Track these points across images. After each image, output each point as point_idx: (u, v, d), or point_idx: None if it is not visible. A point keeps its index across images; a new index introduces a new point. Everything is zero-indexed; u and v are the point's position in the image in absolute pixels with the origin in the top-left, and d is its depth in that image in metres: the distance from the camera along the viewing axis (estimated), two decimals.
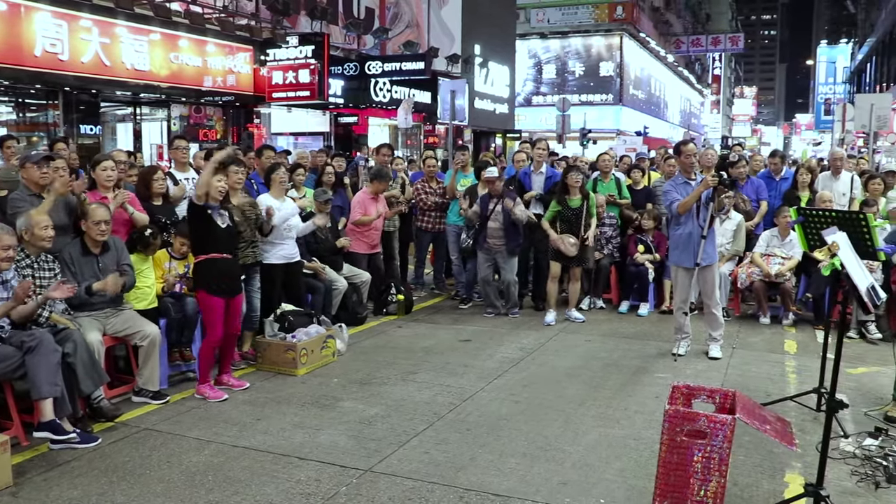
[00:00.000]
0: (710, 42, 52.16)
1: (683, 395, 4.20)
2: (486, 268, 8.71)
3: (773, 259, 8.57)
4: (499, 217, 8.41)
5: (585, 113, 30.62)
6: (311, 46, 15.87)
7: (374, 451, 4.83)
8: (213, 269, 5.83)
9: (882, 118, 18.51)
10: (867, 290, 3.88)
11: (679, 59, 53.86)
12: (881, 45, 47.74)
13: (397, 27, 22.27)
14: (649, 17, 43.62)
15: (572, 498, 4.22)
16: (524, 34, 37.03)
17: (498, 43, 27.56)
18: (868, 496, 4.27)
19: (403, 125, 16.30)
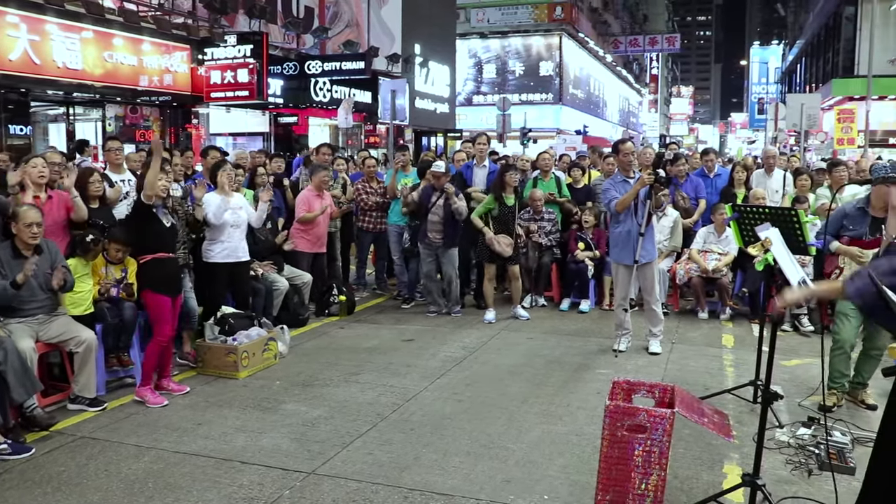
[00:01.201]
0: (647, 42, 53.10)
1: (624, 390, 4.27)
2: (429, 263, 8.69)
3: (709, 255, 8.77)
4: (439, 211, 8.41)
5: (526, 112, 30.83)
6: (250, 46, 15.68)
7: (317, 454, 4.81)
8: (160, 268, 5.81)
9: (812, 117, 19.04)
10: (799, 285, 3.99)
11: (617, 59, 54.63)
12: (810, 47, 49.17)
13: (337, 26, 22.13)
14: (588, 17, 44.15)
15: (516, 495, 4.26)
16: (464, 34, 37.14)
17: (438, 42, 27.58)
18: (801, 483, 4.41)
19: (344, 125, 16.21)
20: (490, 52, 39.98)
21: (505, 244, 8.39)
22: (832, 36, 39.88)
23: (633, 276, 7.12)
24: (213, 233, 6.91)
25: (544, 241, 9.24)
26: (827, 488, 4.34)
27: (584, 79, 44.91)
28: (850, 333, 5.71)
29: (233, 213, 6.96)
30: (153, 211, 5.78)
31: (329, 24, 21.48)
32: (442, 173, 8.45)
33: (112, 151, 7.53)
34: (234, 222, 6.95)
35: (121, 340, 6.21)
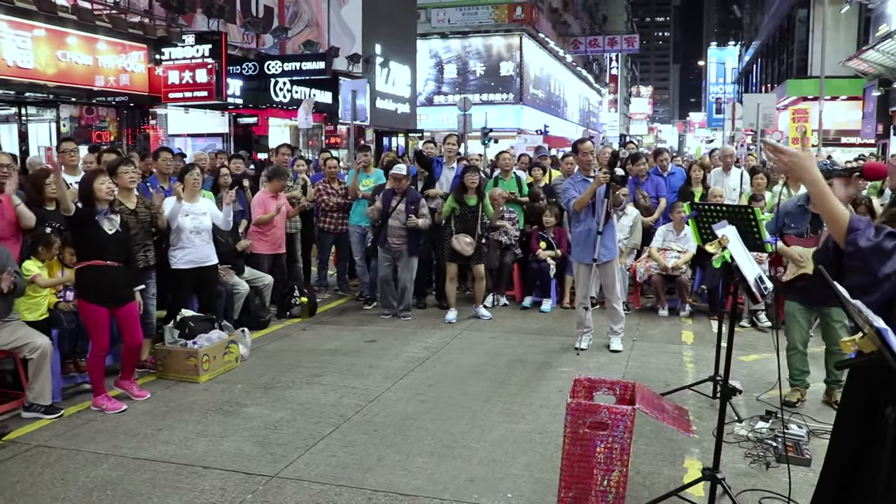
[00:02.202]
0: (606, 43, 53.51)
1: (585, 388, 4.30)
2: (386, 267, 8.66)
3: (669, 253, 8.89)
4: (400, 216, 8.39)
5: (486, 112, 30.87)
6: (209, 45, 15.48)
7: (280, 457, 4.77)
8: (96, 277, 5.57)
9: (768, 117, 19.33)
10: (755, 281, 4.06)
11: (577, 59, 55.00)
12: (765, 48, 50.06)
13: (297, 26, 21.97)
14: (548, 17, 44.37)
15: (480, 494, 4.27)
16: (425, 34, 37.10)
17: (399, 43, 27.52)
18: (760, 476, 4.48)
19: (304, 125, 16.08)
20: (451, 52, 39.99)
21: (465, 243, 8.41)
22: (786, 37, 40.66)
23: (593, 275, 7.18)
24: (174, 238, 6.83)
25: (505, 239, 9.28)
26: (784, 480, 4.41)
27: (545, 79, 45.13)
28: (800, 333, 5.84)
29: (194, 219, 6.88)
30: (94, 217, 5.55)
31: (289, 23, 21.31)
32: (403, 176, 8.43)
33: (67, 153, 7.39)
34: (194, 228, 6.87)
35: (78, 345, 6.11)
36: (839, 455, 2.81)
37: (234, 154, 11.98)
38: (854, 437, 2.73)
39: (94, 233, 5.57)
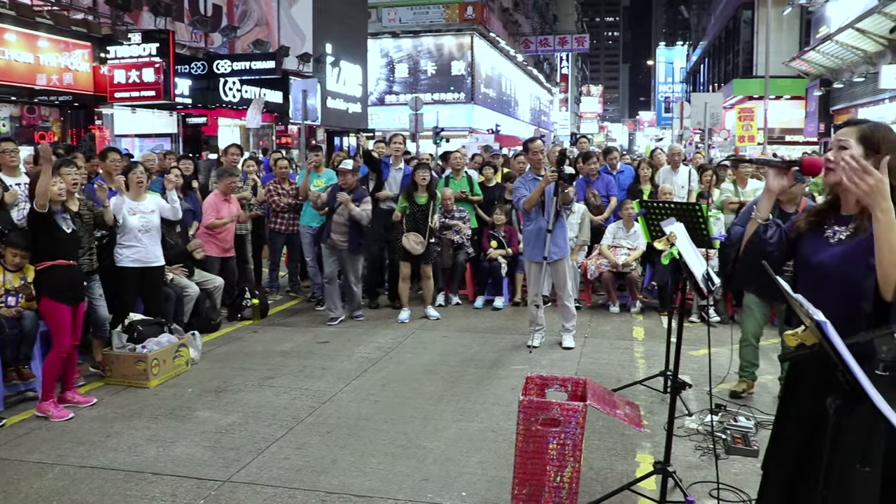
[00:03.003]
0: (557, 42, 53.99)
1: (537, 385, 4.33)
2: (331, 264, 8.50)
3: (619, 250, 8.99)
4: (344, 212, 8.29)
5: (438, 111, 30.89)
6: (156, 44, 15.24)
7: (232, 461, 4.72)
8: (59, 275, 5.57)
9: (715, 115, 19.69)
10: (703, 277, 4.13)
11: (528, 59, 55.35)
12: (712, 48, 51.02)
13: (246, 25, 21.76)
14: (499, 17, 44.58)
15: (435, 493, 4.28)
16: (376, 33, 37.01)
17: (349, 42, 27.40)
18: (710, 468, 4.55)
19: (253, 125, 15.93)
20: (402, 51, 39.94)
21: (415, 242, 8.40)
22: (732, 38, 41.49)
23: (545, 273, 7.23)
24: (121, 236, 6.71)
25: (457, 239, 9.31)
26: (734, 471, 4.53)
27: (496, 78, 45.32)
28: (754, 326, 5.99)
29: (142, 217, 6.77)
30: (52, 217, 5.55)
31: (238, 22, 21.11)
32: (349, 170, 8.36)
33: (7, 153, 7.19)
34: (142, 226, 6.76)
35: (20, 352, 5.95)
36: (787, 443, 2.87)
37: (182, 155, 11.82)
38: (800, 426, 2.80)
39: (53, 232, 5.56)
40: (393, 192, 9.18)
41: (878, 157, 2.61)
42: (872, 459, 2.27)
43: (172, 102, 16.47)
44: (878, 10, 20.89)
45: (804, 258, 2.82)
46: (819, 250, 2.75)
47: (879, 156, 2.62)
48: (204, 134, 19.23)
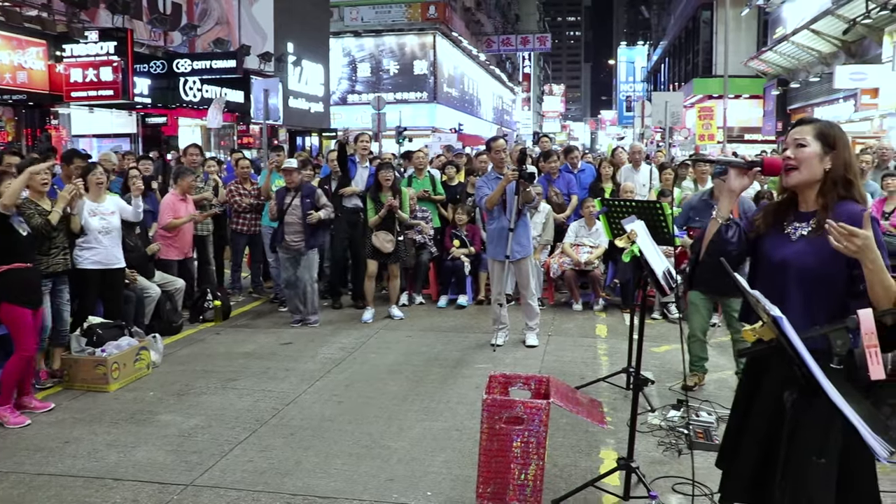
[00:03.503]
0: (519, 42, 54.17)
1: (500, 383, 4.35)
2: (287, 267, 8.39)
3: (581, 248, 9.06)
4: (296, 211, 8.18)
5: (401, 111, 30.88)
6: (114, 42, 15.03)
7: (195, 464, 4.67)
8: (19, 279, 5.49)
9: (675, 114, 19.88)
10: (664, 274, 4.18)
11: (490, 58, 55.47)
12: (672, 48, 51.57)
13: (206, 24, 21.53)
14: (461, 16, 44.64)
15: (400, 493, 4.27)
16: (338, 32, 36.83)
17: (311, 41, 27.24)
18: (672, 463, 4.62)
19: (214, 125, 15.75)
20: (364, 50, 39.80)
21: (385, 241, 8.38)
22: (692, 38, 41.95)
23: (508, 272, 7.27)
24: (80, 238, 6.60)
25: (420, 238, 9.31)
26: (696, 465, 4.57)
27: (459, 77, 45.37)
28: (700, 321, 6.13)
29: (102, 219, 6.67)
30: (9, 220, 5.45)
31: (198, 21, 20.87)
32: (293, 169, 8.28)
33: None
34: (102, 228, 6.66)
35: None
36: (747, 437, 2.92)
37: (142, 155, 11.66)
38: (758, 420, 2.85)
39: (11, 235, 5.48)
40: (358, 189, 9.15)
41: (835, 154, 2.70)
42: (829, 452, 2.32)
43: (131, 102, 16.25)
44: (832, 11, 21.30)
45: (765, 255, 2.87)
46: (781, 247, 2.80)
47: (836, 152, 2.70)
48: (164, 134, 19.01)
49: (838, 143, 2.74)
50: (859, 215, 2.57)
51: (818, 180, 2.75)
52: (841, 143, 2.74)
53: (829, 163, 2.73)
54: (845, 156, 2.73)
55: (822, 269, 2.63)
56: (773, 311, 2.19)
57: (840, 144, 2.74)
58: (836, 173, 2.72)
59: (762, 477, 2.84)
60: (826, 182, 2.74)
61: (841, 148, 2.73)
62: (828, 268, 2.62)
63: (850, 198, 2.71)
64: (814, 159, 2.74)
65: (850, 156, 2.75)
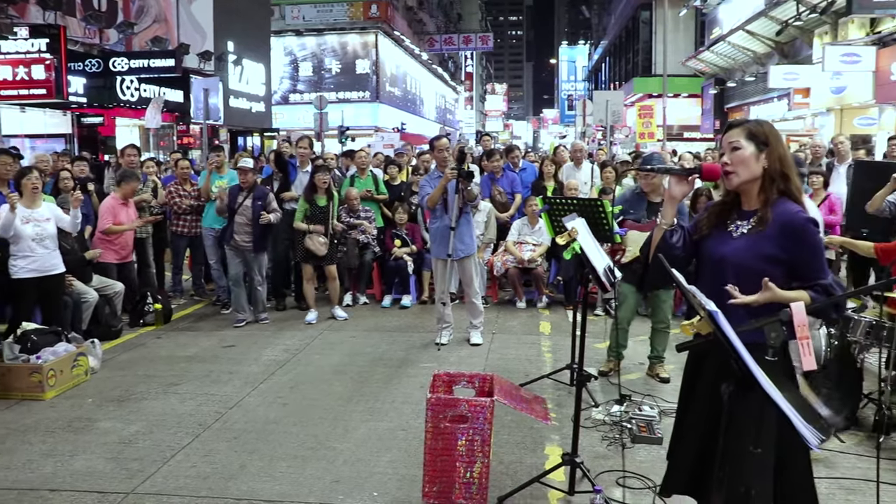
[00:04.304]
0: (461, 41, 54.27)
1: (444, 382, 4.36)
2: (236, 265, 8.36)
3: (525, 246, 9.13)
4: (246, 212, 8.17)
5: (343, 110, 30.72)
6: (45, 39, 14.61)
7: (136, 472, 4.57)
8: None
9: (616, 113, 20.18)
10: (604, 271, 4.23)
11: (433, 57, 55.50)
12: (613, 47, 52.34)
13: (143, 22, 21.10)
14: (403, 15, 44.55)
15: (346, 494, 4.25)
16: (279, 31, 36.43)
17: (252, 40, 26.89)
18: (616, 457, 4.69)
19: (153, 125, 15.46)
20: (306, 49, 39.45)
21: (319, 243, 8.34)
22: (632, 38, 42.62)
23: (452, 270, 7.29)
24: (13, 247, 6.42)
25: (363, 238, 9.28)
26: (639, 459, 4.67)
27: (401, 77, 45.31)
28: (628, 312, 6.38)
29: (36, 226, 6.50)
30: None
31: (135, 18, 20.44)
32: (249, 169, 8.24)
33: None
34: (36, 235, 6.48)
35: None
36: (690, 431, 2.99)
37: (77, 156, 11.38)
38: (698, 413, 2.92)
39: None
40: (298, 193, 9.08)
41: (769, 150, 2.78)
42: (764, 442, 2.38)
43: (66, 101, 15.84)
44: (765, 13, 21.85)
45: (707, 253, 2.94)
46: (722, 244, 2.88)
47: (770, 148, 2.79)
48: (101, 134, 18.59)
49: (770, 140, 2.82)
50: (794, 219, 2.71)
51: (758, 178, 2.83)
52: (773, 139, 2.83)
53: (764, 160, 2.82)
54: (779, 151, 2.82)
55: (758, 266, 2.71)
56: (709, 306, 2.24)
57: (772, 140, 2.82)
58: (773, 169, 2.82)
59: (702, 469, 2.90)
60: (765, 179, 2.83)
61: (773, 144, 2.82)
62: (764, 264, 2.70)
63: (787, 193, 2.80)
64: (750, 160, 2.83)
65: (783, 150, 2.84)
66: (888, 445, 4.98)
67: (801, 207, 2.77)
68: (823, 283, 2.70)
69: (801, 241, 2.73)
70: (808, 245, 2.74)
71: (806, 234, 2.74)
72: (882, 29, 17.42)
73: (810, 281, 2.72)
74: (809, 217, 2.74)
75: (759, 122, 2.90)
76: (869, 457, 4.70)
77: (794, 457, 2.74)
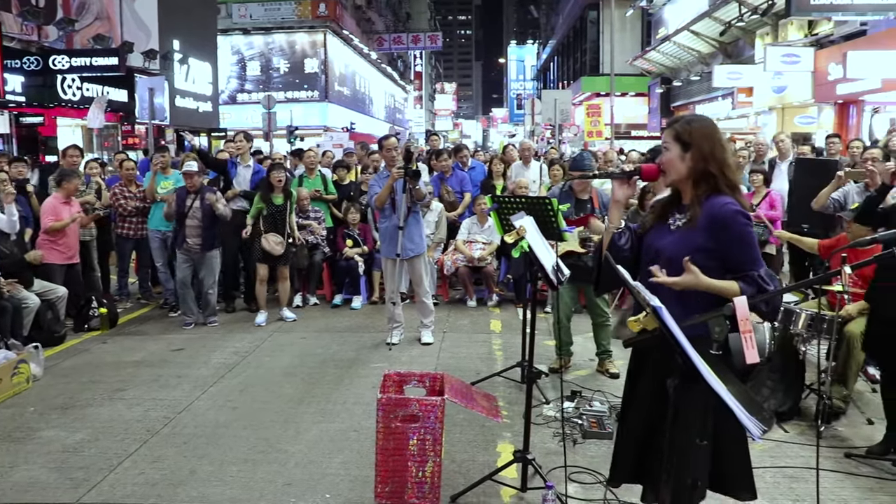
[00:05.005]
0: (410, 40, 54.22)
1: (395, 382, 4.36)
2: (185, 269, 8.28)
3: (474, 245, 9.16)
4: (196, 214, 8.08)
5: (292, 110, 30.44)
6: None
7: (81, 481, 4.47)
8: None
9: (565, 112, 20.38)
10: (552, 269, 4.26)
11: (382, 57, 55.30)
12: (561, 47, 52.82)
13: (85, 19, 20.60)
14: (352, 14, 44.30)
15: (298, 497, 4.23)
16: (226, 30, 35.93)
17: (198, 39, 26.50)
18: (568, 453, 4.72)
19: (96, 125, 15.13)
20: (254, 48, 38.98)
21: (275, 243, 8.27)
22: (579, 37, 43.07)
23: (402, 270, 7.29)
24: None
25: (312, 239, 9.22)
26: (590, 454, 4.72)
27: (350, 76, 45.05)
28: (566, 308, 6.47)
29: None
30: None
31: (75, 15, 19.94)
32: (194, 172, 8.14)
33: None
34: None
35: None
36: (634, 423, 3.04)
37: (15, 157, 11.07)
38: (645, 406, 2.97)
39: None
40: (241, 189, 9.01)
41: (692, 151, 2.84)
42: (707, 434, 2.44)
43: (3, 100, 15.41)
44: (709, 14, 22.26)
45: (647, 246, 3.01)
46: (660, 237, 2.95)
47: (693, 148, 2.85)
48: (41, 135, 18.11)
49: (693, 141, 2.87)
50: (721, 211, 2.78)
51: (686, 177, 2.90)
52: (697, 140, 2.87)
53: (689, 160, 2.87)
54: (703, 151, 2.86)
55: (691, 258, 2.76)
56: (653, 301, 2.28)
57: (695, 140, 2.87)
58: (696, 169, 2.89)
59: (645, 458, 2.97)
60: (692, 178, 2.89)
61: (697, 144, 2.87)
62: (693, 257, 2.75)
63: (718, 190, 2.85)
64: (676, 160, 2.91)
65: (709, 149, 2.87)
66: (829, 434, 5.12)
67: (731, 200, 2.82)
68: (753, 275, 2.75)
69: (728, 232, 2.78)
70: (736, 235, 2.79)
71: (733, 224, 2.79)
72: (819, 31, 17.89)
73: (741, 272, 2.77)
74: (738, 209, 2.79)
75: (688, 121, 2.95)
76: (811, 445, 4.83)
77: (731, 447, 2.81)
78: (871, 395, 5.82)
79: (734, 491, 2.94)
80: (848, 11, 14.27)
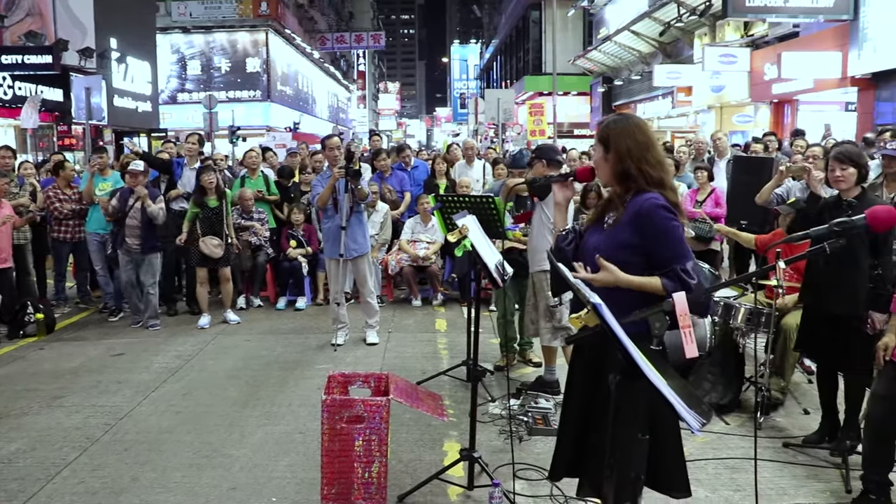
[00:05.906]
0: (353, 39, 53.93)
1: (340, 383, 4.34)
2: (128, 270, 8.17)
3: (418, 244, 9.18)
4: (137, 214, 7.97)
5: (234, 110, 30.04)
6: None
7: (16, 492, 4.35)
8: None
9: (508, 111, 20.52)
10: (496, 267, 4.30)
11: (325, 56, 54.93)
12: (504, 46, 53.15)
13: (15, 15, 20.04)
14: (294, 13, 43.90)
15: (243, 501, 4.19)
16: (166, 28, 35.28)
17: (136, 37, 25.95)
18: (514, 450, 4.75)
19: (30, 125, 14.73)
20: (194, 47, 38.36)
21: (213, 245, 8.17)
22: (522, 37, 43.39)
23: (345, 270, 7.26)
24: None
25: (255, 240, 9.12)
26: (537, 451, 4.77)
27: (293, 75, 44.65)
28: (506, 304, 6.55)
29: None
30: None
31: (5, 11, 19.39)
32: (140, 172, 8.01)
33: None
34: None
35: None
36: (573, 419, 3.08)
37: None
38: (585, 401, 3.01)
39: None
40: (185, 191, 8.88)
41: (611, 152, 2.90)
42: (648, 427, 2.48)
43: None
44: (649, 14, 22.64)
45: (583, 244, 3.05)
46: (593, 235, 3.01)
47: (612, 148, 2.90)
48: None
49: (611, 142, 2.91)
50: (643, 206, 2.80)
51: (612, 176, 2.95)
52: (615, 140, 2.90)
53: (611, 160, 2.92)
54: (620, 150, 2.88)
55: (615, 255, 2.81)
56: (593, 299, 2.31)
57: (614, 141, 2.90)
58: (616, 169, 2.92)
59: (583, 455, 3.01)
60: (616, 177, 2.94)
61: (615, 144, 2.90)
62: (619, 254, 2.80)
63: (641, 189, 2.87)
64: (600, 161, 2.97)
65: (626, 148, 2.88)
66: (767, 425, 5.26)
67: (655, 195, 2.82)
68: (676, 269, 2.74)
69: (649, 226, 2.79)
70: (657, 229, 2.78)
71: (653, 218, 2.78)
72: (754, 32, 18.34)
73: (666, 267, 2.76)
74: (660, 203, 2.79)
75: (609, 123, 2.98)
76: (751, 436, 4.94)
77: (666, 438, 2.85)
78: (808, 385, 5.99)
79: (669, 489, 2.96)
80: (781, 13, 14.68)
